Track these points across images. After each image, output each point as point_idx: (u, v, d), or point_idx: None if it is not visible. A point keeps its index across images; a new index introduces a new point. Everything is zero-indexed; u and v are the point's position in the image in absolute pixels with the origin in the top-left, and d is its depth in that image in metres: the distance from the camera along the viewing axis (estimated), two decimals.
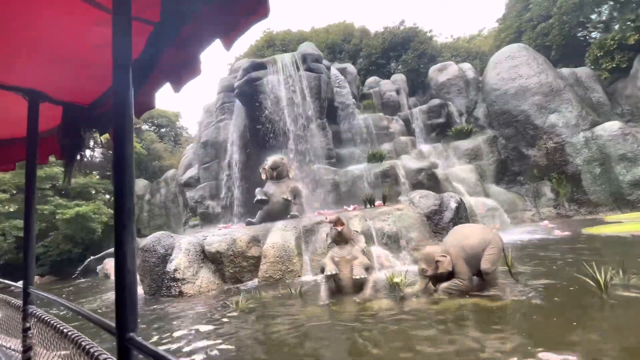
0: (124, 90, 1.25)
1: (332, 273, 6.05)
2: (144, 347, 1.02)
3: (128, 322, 1.11)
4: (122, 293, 1.13)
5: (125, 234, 1.16)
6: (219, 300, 7.43)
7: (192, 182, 15.60)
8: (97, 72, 2.07)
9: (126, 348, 1.08)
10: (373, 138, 14.33)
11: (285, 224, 8.87)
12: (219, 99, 15.52)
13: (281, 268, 8.03)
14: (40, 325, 1.97)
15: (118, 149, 1.20)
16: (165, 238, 9.25)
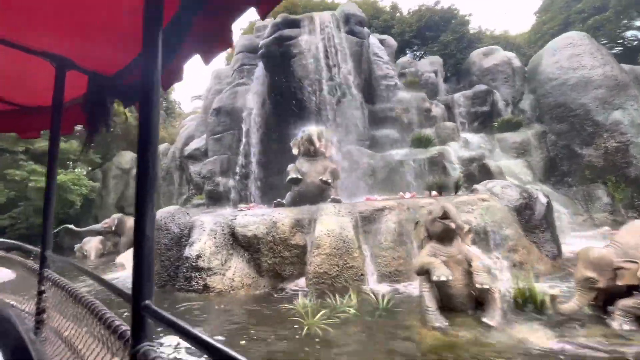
0: (153, 59, 1.23)
1: (447, 278, 4.30)
2: (159, 315, 1.00)
3: (144, 289, 1.09)
4: (141, 260, 1.11)
5: (146, 201, 1.14)
6: (264, 302, 5.54)
7: (198, 155, 13.39)
8: (124, 41, 1.99)
9: (141, 316, 1.06)
10: (413, 121, 12.61)
11: (338, 207, 7.02)
12: (237, 60, 13.32)
13: (338, 262, 6.20)
14: (55, 289, 1.97)
15: (144, 118, 1.17)
16: (180, 215, 7.21)
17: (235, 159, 12.47)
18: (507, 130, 13.19)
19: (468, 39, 16.71)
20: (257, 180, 12.06)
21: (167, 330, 1.06)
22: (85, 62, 2.37)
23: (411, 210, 7.01)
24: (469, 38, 16.80)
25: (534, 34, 18.54)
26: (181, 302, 5.70)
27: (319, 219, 6.81)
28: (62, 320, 2.00)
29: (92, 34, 2.02)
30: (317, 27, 11.34)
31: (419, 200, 7.18)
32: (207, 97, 16.17)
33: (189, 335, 0.85)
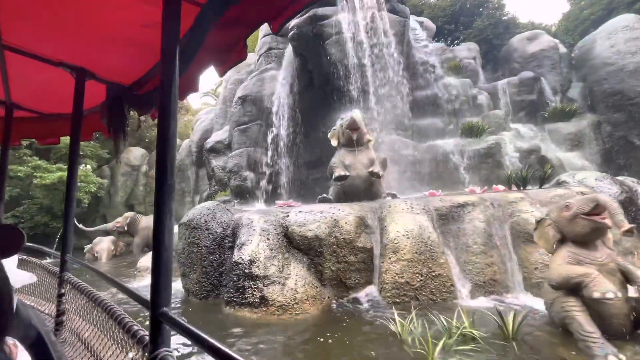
0: (171, 70, 1.24)
1: (615, 295, 3.19)
2: (176, 322, 1.01)
3: (162, 297, 1.11)
4: (159, 269, 1.12)
5: (164, 211, 1.15)
6: (342, 321, 4.43)
7: (220, 148, 12.26)
8: (140, 52, 2.04)
9: (159, 322, 1.07)
10: (458, 109, 11.49)
11: (410, 203, 5.90)
12: (264, 43, 12.18)
13: (421, 271, 5.08)
14: (75, 292, 2.02)
15: (162, 128, 1.19)
16: (221, 211, 6.11)
17: (263, 152, 11.36)
18: (559, 120, 12.06)
19: (504, 25, 15.56)
20: (287, 174, 10.96)
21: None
22: (103, 73, 2.44)
23: (497, 207, 5.91)
24: (505, 24, 15.65)
25: (570, 21, 17.40)
26: (234, 321, 4.59)
27: (390, 217, 5.70)
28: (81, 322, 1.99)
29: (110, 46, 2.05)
30: (356, 5, 10.20)
31: (506, 194, 6.06)
32: (226, 87, 15.06)
33: (205, 343, 0.84)
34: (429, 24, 12.95)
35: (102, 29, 1.87)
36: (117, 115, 2.60)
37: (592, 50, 12.46)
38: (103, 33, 1.91)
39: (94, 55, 2.19)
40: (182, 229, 5.96)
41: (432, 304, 4.92)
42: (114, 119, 2.63)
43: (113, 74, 2.46)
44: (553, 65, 13.31)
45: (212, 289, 5.51)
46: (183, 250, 5.80)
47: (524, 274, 5.25)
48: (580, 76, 13.13)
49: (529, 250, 5.29)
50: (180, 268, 5.82)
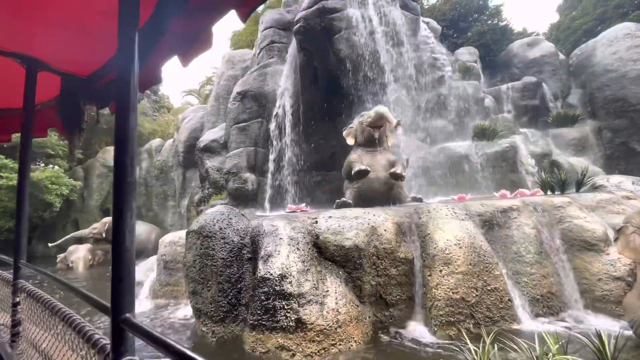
0: (129, 60, 1.18)
1: None
2: (139, 329, 0.96)
3: (124, 302, 1.05)
4: (120, 272, 1.07)
5: (125, 209, 1.09)
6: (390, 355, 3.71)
7: (216, 148, 11.26)
8: (99, 41, 1.91)
9: (121, 329, 1.02)
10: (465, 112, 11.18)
11: (452, 207, 5.31)
12: (266, 36, 11.36)
13: (476, 285, 4.48)
14: (30, 300, 1.91)
15: (121, 122, 1.14)
16: (236, 217, 5.27)
17: (263, 152, 10.51)
18: (562, 125, 12.04)
19: (501, 31, 15.64)
20: (292, 176, 10.17)
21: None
22: (57, 63, 2.27)
23: (542, 212, 5.44)
24: (502, 30, 15.73)
25: (560, 31, 17.83)
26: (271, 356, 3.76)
27: (432, 223, 5.07)
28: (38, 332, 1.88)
29: (64, 34, 1.90)
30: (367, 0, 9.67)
31: (551, 198, 5.60)
32: (219, 84, 14.07)
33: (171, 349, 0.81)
34: (435, 25, 12.69)
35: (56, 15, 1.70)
36: (72, 110, 2.40)
37: (593, 57, 12.61)
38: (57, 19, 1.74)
39: (47, 44, 2.01)
40: (192, 238, 5.05)
41: (489, 322, 4.32)
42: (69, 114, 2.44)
43: (69, 64, 2.24)
44: (554, 71, 13.39)
45: (230, 309, 4.63)
46: (194, 263, 4.88)
47: (583, 286, 4.77)
48: (579, 82, 13.28)
49: (588, 259, 4.83)
50: (190, 284, 4.89)
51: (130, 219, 1.10)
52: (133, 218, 1.12)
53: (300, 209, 7.45)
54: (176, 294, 6.68)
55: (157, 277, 6.82)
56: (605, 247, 4.80)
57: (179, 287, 6.68)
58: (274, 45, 11.14)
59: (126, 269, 1.08)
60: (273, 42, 11.16)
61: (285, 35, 11.36)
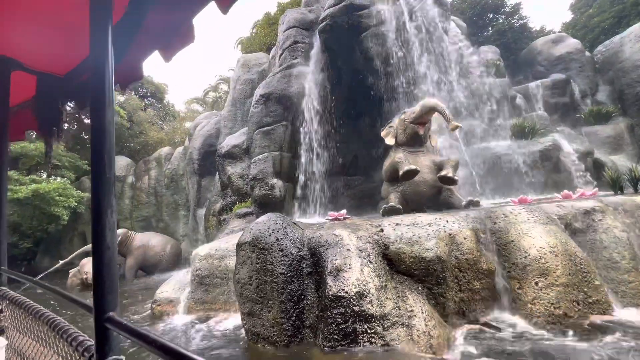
0: (103, 56, 1.16)
1: None
2: (124, 327, 0.97)
3: (107, 301, 1.05)
4: (101, 270, 1.07)
5: (104, 206, 1.09)
6: None
7: (238, 154, 10.71)
8: (75, 37, 1.84)
9: (105, 328, 1.02)
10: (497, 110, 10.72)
11: (533, 211, 4.77)
12: (289, 36, 10.92)
13: (577, 298, 3.93)
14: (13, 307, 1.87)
15: (96, 118, 1.14)
16: (290, 226, 4.71)
17: (289, 156, 9.99)
18: (595, 123, 11.61)
19: (520, 29, 15.31)
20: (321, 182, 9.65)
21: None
22: (32, 62, 2.20)
23: (624, 212, 4.91)
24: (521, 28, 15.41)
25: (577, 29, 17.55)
26: None
27: (514, 229, 4.53)
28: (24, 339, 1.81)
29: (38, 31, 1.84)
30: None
31: (634, 198, 5.07)
32: (235, 88, 13.60)
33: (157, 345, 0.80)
34: (461, 23, 12.33)
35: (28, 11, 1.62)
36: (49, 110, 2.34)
37: (620, 53, 12.24)
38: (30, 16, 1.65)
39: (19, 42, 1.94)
40: (246, 251, 4.48)
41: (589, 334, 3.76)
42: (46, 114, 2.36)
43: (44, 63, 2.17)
44: (581, 68, 13.01)
45: (295, 333, 4.04)
46: (250, 280, 4.30)
47: None
48: (606, 79, 12.89)
49: None
50: (245, 305, 4.31)
51: (111, 216, 1.10)
52: (113, 215, 1.11)
53: (342, 215, 6.91)
54: (213, 312, 6.07)
55: (191, 294, 6.21)
56: None
57: (216, 305, 6.07)
58: (297, 46, 10.70)
59: (108, 267, 1.08)
60: (296, 42, 10.72)
61: (308, 35, 10.94)
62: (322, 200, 10.01)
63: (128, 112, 22.38)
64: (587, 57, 13.40)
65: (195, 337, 5.12)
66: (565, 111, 12.22)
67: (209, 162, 14.21)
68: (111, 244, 1.09)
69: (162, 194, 19.02)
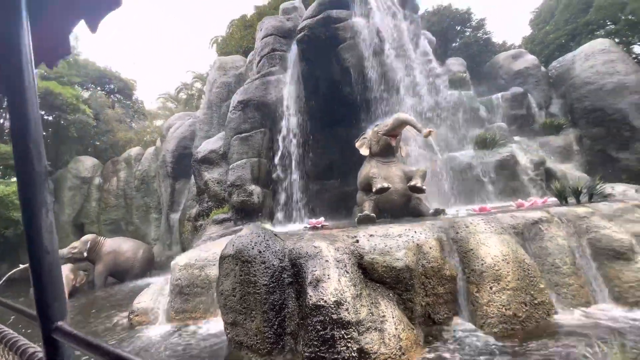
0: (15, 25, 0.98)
1: None
2: (74, 336, 0.91)
3: (53, 309, 0.97)
4: (41, 278, 0.97)
5: (36, 205, 0.96)
6: None
7: (215, 159, 10.73)
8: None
9: (52, 339, 0.95)
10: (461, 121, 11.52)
11: (488, 220, 5.36)
12: (267, 44, 11.05)
13: (525, 300, 4.53)
14: None
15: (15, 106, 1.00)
16: (272, 239, 5.00)
17: (267, 163, 10.18)
18: (548, 133, 12.77)
19: (485, 43, 16.39)
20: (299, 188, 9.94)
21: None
22: None
23: (566, 222, 5.63)
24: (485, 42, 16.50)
25: (534, 44, 19.03)
26: None
27: (473, 238, 5.09)
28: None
29: None
30: (374, 9, 9.71)
31: (575, 209, 5.82)
32: (211, 91, 13.54)
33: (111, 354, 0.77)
34: (430, 37, 13.03)
35: None
36: None
37: (572, 70, 13.52)
38: None
39: None
40: (229, 264, 4.69)
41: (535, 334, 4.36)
42: None
43: None
44: (537, 83, 14.21)
45: (277, 340, 4.33)
46: (233, 292, 4.53)
47: (615, 294, 4.97)
48: (559, 93, 14.17)
49: (618, 268, 5.04)
50: (229, 315, 4.53)
51: (47, 216, 0.99)
52: (49, 215, 1.01)
53: (320, 223, 7.25)
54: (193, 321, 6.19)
55: (170, 304, 6.29)
56: (633, 255, 5.04)
57: (197, 314, 6.20)
58: (275, 54, 10.87)
59: (49, 274, 0.98)
60: (274, 50, 10.89)
61: (286, 43, 11.14)
62: (299, 205, 10.30)
63: (94, 109, 21.38)
64: (542, 72, 14.65)
65: (177, 346, 5.25)
66: (522, 122, 13.31)
67: (184, 164, 14.04)
68: (50, 248, 0.99)
69: (132, 196, 18.46)
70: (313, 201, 10.91)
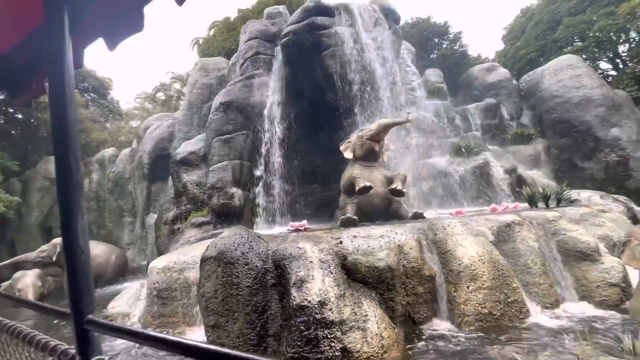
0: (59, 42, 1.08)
1: None
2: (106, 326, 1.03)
3: (85, 304, 1.06)
4: (76, 275, 1.07)
5: (73, 210, 1.07)
6: None
7: (194, 161, 10.52)
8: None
9: (85, 331, 1.03)
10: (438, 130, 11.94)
11: (465, 223, 5.58)
12: (251, 47, 11.04)
13: (499, 298, 4.74)
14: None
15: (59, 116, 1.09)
16: (255, 241, 4.98)
17: (249, 166, 10.12)
18: (519, 142, 13.44)
19: (461, 55, 17.13)
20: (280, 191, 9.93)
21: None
22: None
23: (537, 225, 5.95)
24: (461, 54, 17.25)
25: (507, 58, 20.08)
26: None
27: (451, 240, 5.28)
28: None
29: None
30: (356, 18, 9.95)
31: (544, 213, 6.16)
32: (192, 92, 13.32)
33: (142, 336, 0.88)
34: (410, 47, 13.49)
35: None
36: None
37: (541, 83, 14.35)
38: None
39: None
40: (211, 266, 4.62)
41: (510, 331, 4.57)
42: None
43: None
44: (509, 95, 14.97)
45: (259, 342, 4.29)
46: (215, 294, 4.46)
47: (582, 293, 5.28)
48: (529, 105, 14.98)
49: (585, 268, 5.38)
50: (210, 318, 4.45)
51: (82, 220, 1.08)
52: (84, 219, 1.10)
53: (302, 226, 7.26)
54: (171, 326, 6.02)
55: (147, 308, 6.09)
56: (598, 256, 5.39)
57: (174, 318, 6.03)
58: (259, 57, 10.88)
59: (83, 271, 1.07)
60: (258, 53, 10.90)
61: (270, 47, 11.19)
62: (281, 209, 10.27)
63: None
64: (514, 85, 15.47)
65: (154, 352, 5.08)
66: (495, 132, 13.96)
67: (161, 166, 13.66)
68: (85, 248, 1.08)
69: (105, 198, 17.74)
70: (295, 205, 10.91)
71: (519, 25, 20.90)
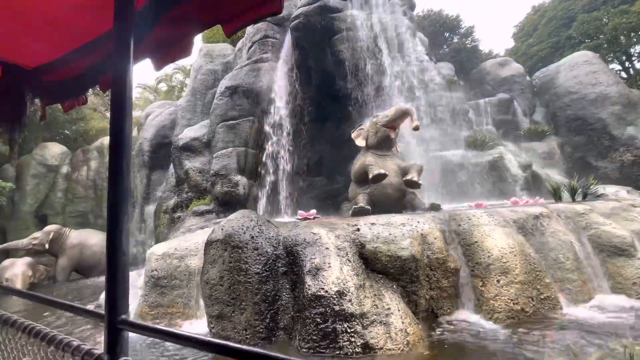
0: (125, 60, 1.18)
1: None
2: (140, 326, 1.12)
3: (120, 304, 1.09)
4: (115, 276, 1.10)
5: (120, 213, 1.13)
6: None
7: (197, 147, 10.06)
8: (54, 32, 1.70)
9: (118, 331, 1.05)
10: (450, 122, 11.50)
11: (492, 214, 5.15)
12: (259, 30, 10.57)
13: (532, 294, 4.31)
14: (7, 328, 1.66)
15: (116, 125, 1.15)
16: (265, 225, 4.55)
17: (254, 153, 9.68)
18: (532, 139, 13.02)
19: (472, 50, 16.69)
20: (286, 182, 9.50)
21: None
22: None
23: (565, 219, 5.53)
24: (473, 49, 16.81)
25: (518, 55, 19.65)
26: None
27: (477, 231, 4.85)
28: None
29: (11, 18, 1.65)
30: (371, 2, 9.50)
31: (573, 206, 5.73)
32: (196, 78, 12.85)
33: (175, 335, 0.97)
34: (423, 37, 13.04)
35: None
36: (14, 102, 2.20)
37: (556, 80, 13.92)
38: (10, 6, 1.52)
39: None
40: (217, 250, 4.19)
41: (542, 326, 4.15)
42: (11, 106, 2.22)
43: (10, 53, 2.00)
44: (522, 90, 14.53)
45: (268, 335, 3.86)
46: (221, 281, 4.02)
47: (617, 290, 4.87)
48: (543, 102, 14.55)
49: (620, 264, 4.95)
50: (214, 307, 4.01)
51: (126, 223, 1.14)
52: (128, 222, 1.16)
53: (312, 215, 6.84)
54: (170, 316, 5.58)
55: (144, 297, 5.64)
56: (634, 251, 4.98)
57: (174, 308, 5.58)
58: (268, 40, 10.42)
59: (122, 272, 1.11)
60: (267, 36, 10.44)
61: (279, 30, 10.73)
62: (286, 199, 9.84)
63: None
64: (527, 81, 15.03)
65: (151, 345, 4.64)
66: (508, 127, 13.53)
67: (161, 154, 13.21)
68: (126, 250, 1.13)
69: (103, 187, 17.25)
70: (300, 197, 10.50)
71: (530, 22, 20.49)
